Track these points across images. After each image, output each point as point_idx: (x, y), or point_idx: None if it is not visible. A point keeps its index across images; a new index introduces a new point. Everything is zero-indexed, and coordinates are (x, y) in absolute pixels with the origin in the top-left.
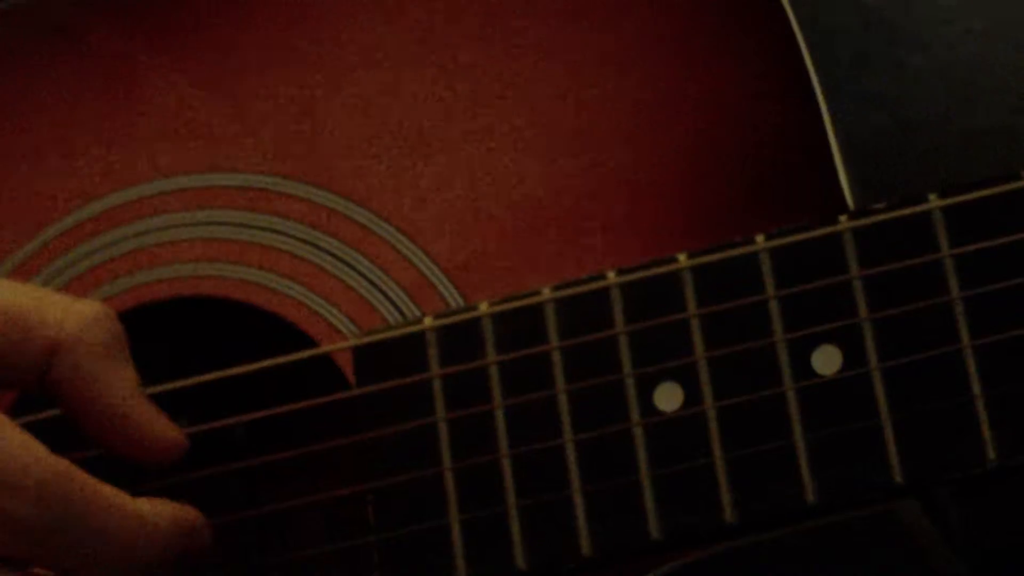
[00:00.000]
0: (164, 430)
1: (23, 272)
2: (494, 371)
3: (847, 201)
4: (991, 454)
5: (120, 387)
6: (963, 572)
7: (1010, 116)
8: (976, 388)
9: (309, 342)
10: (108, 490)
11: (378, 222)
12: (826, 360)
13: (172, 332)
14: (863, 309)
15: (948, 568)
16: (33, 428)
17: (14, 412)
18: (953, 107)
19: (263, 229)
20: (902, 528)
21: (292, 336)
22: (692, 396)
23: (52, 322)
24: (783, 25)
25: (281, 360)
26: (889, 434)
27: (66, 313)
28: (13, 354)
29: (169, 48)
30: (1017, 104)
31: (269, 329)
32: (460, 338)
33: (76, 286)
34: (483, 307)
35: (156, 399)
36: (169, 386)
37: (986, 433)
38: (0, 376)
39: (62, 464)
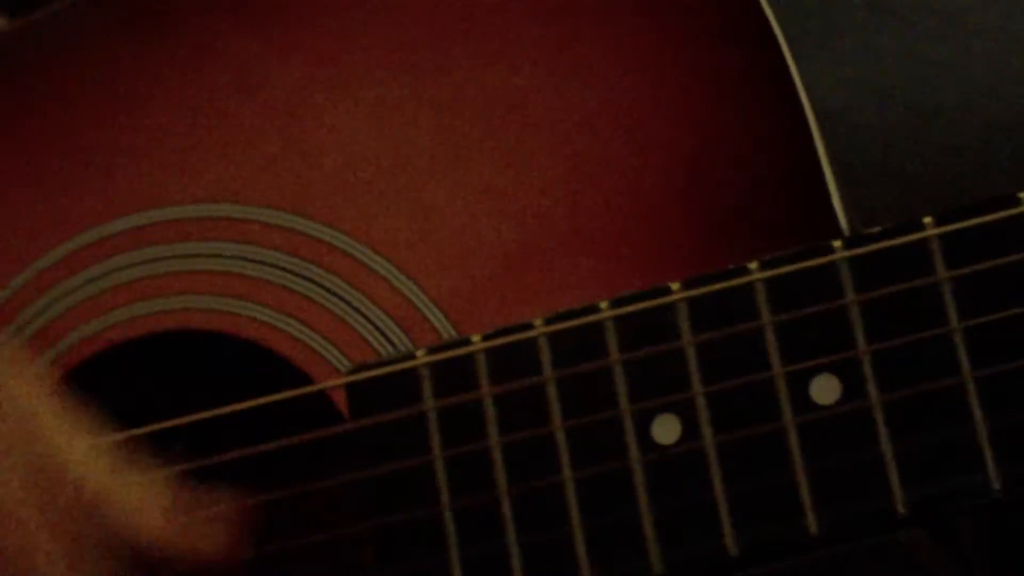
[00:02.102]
0: None
1: (12, 305)
2: (489, 406)
3: (841, 225)
4: (995, 484)
5: None
6: None
7: None
8: (979, 417)
9: (299, 374)
10: None
11: (367, 252)
12: (825, 390)
13: (162, 365)
14: (861, 338)
15: None
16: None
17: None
18: (972, 100)
19: (252, 261)
20: (905, 551)
21: (282, 368)
22: (690, 428)
23: None
24: (775, 43)
25: (276, 397)
26: (891, 464)
27: None
28: None
29: (160, 77)
30: None
31: (258, 360)
32: (454, 372)
33: (63, 321)
34: (476, 340)
35: (149, 434)
36: (165, 424)
37: (989, 463)
38: None
39: None
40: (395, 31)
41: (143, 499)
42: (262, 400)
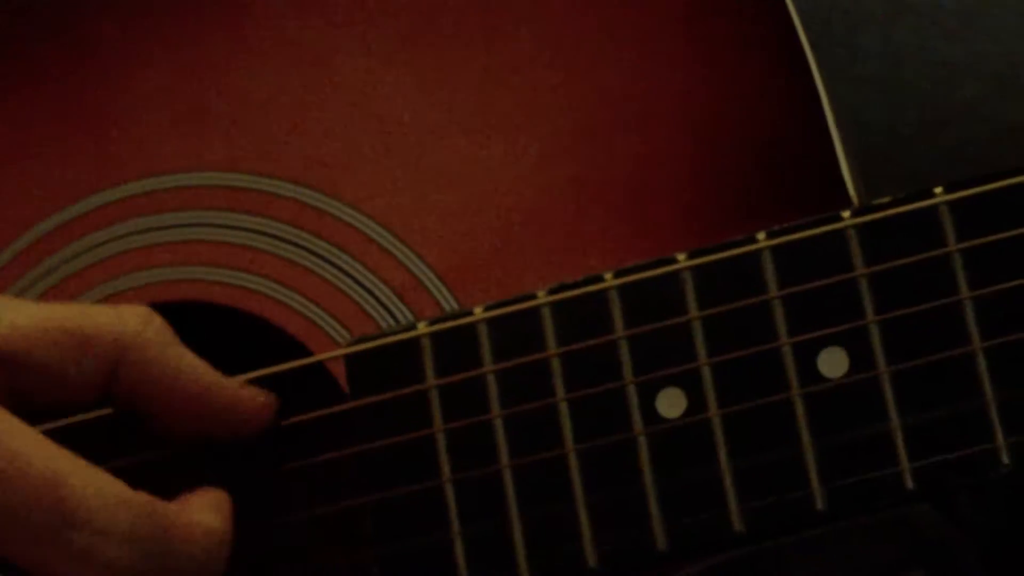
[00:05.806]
0: (253, 395)
1: (9, 271)
2: (492, 379)
3: (851, 195)
4: (1005, 459)
5: (198, 367)
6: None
7: None
8: (988, 391)
9: (297, 346)
10: (183, 515)
11: (367, 222)
12: (832, 363)
13: None
14: (869, 309)
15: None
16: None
17: None
18: (985, 100)
19: (248, 230)
20: (911, 526)
21: (280, 339)
22: (695, 402)
23: (108, 327)
24: (786, 16)
25: (273, 370)
26: (899, 438)
27: (118, 316)
28: (73, 369)
29: (159, 44)
30: None
31: (255, 332)
32: (456, 344)
33: (59, 290)
34: (478, 311)
35: None
36: None
37: (999, 437)
38: (57, 397)
39: (144, 499)
40: (390, 3)
41: None
42: (259, 372)
